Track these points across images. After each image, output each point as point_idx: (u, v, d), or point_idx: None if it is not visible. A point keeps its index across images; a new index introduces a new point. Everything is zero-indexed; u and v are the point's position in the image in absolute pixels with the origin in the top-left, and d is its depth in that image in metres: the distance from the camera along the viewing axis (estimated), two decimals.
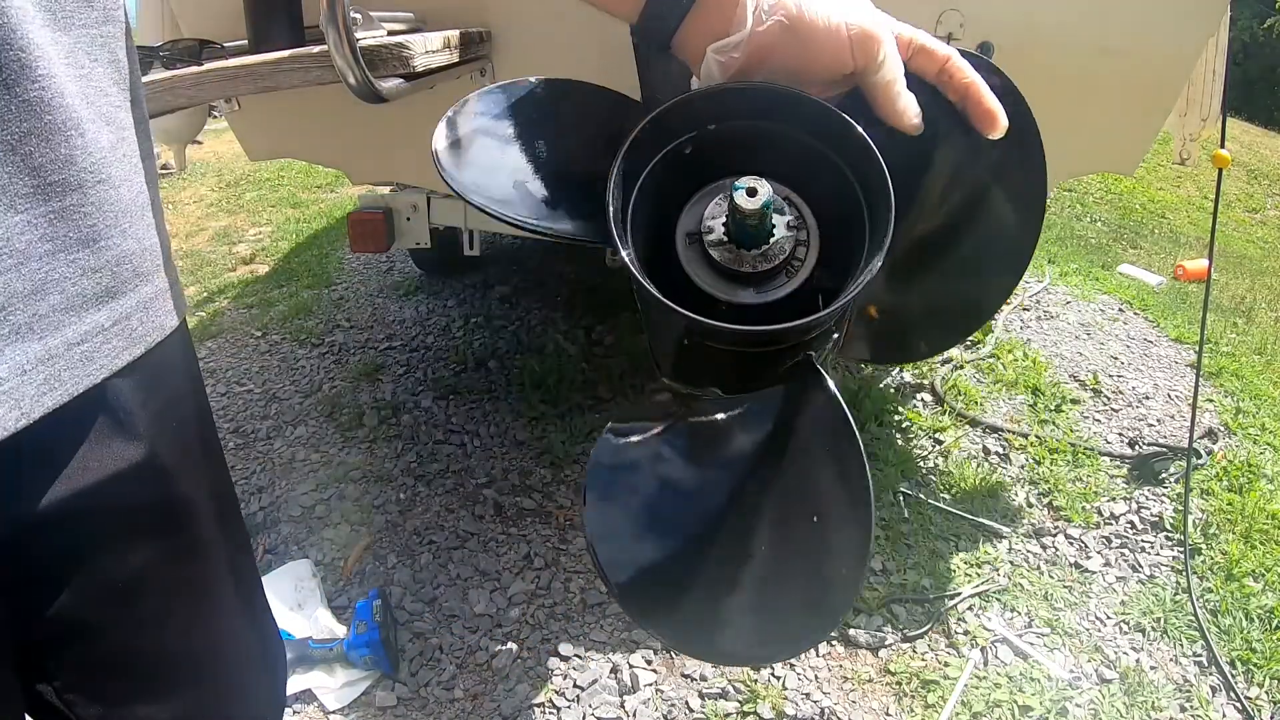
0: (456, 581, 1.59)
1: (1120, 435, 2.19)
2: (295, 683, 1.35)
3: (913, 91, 0.39)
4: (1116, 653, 1.49)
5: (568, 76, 0.46)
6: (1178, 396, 2.41)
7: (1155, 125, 1.31)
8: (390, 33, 0.97)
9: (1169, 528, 1.81)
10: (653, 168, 0.38)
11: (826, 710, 1.34)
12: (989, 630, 1.51)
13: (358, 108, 0.81)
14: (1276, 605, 1.59)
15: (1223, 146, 1.59)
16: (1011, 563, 1.70)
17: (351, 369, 2.37)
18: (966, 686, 1.39)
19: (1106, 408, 2.34)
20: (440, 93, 1.07)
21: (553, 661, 1.42)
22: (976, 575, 1.65)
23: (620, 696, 1.36)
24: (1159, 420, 2.28)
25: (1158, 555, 1.75)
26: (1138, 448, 2.10)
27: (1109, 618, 1.57)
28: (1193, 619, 1.56)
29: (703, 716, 1.33)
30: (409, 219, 1.95)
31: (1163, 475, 1.97)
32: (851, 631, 1.49)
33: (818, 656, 1.45)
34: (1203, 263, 3.30)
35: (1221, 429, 2.25)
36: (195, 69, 0.80)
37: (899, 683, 1.40)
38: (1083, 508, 1.87)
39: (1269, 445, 2.18)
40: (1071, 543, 1.77)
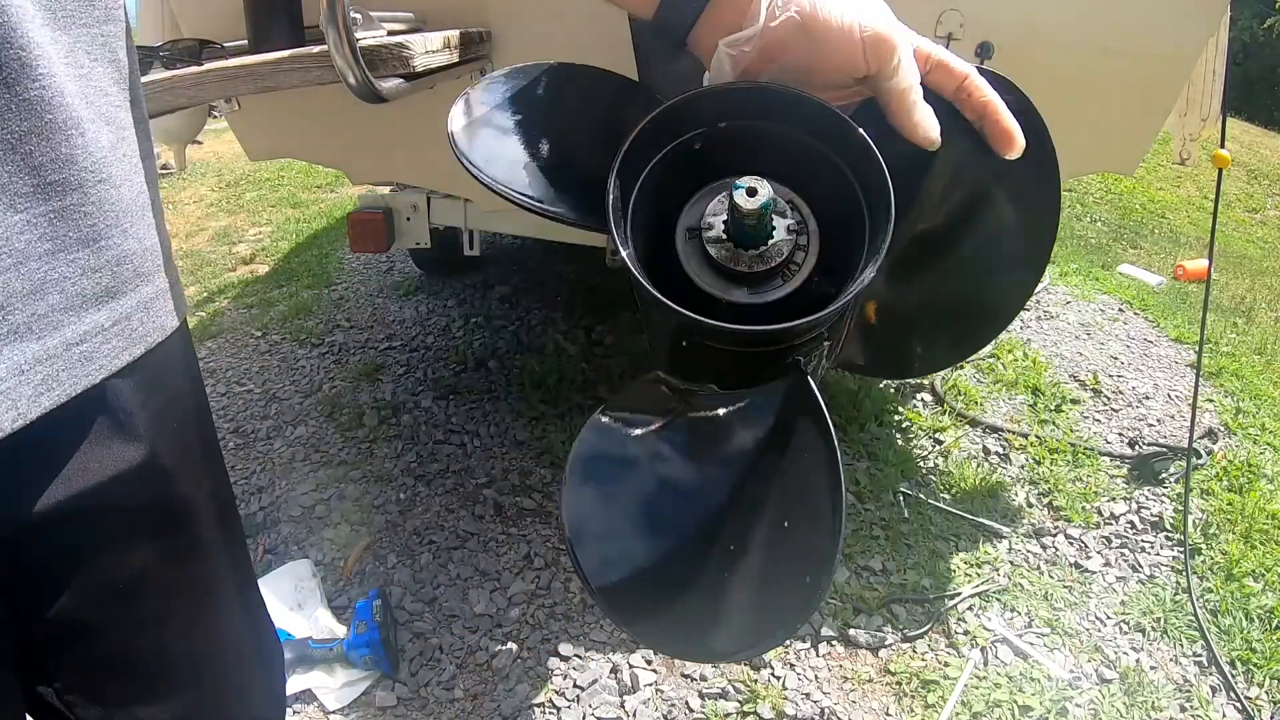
0: (456, 581, 1.59)
1: (1120, 435, 2.19)
2: (295, 683, 1.35)
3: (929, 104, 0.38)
4: (1116, 653, 1.49)
5: None
6: (1178, 396, 2.42)
7: (1155, 125, 1.31)
8: (390, 33, 0.97)
9: (1169, 528, 1.81)
10: (654, 166, 0.38)
11: (826, 710, 1.34)
12: (989, 630, 1.51)
13: (358, 108, 0.81)
14: (1276, 605, 1.59)
15: (1223, 146, 1.59)
16: (1011, 563, 1.70)
17: (351, 369, 2.37)
18: (966, 686, 1.39)
19: (1106, 408, 2.34)
20: (440, 93, 1.07)
21: (553, 661, 1.42)
22: (976, 575, 1.65)
23: (620, 696, 1.36)
24: (1159, 420, 2.28)
25: (1158, 555, 1.75)
26: (1138, 448, 2.10)
27: (1109, 618, 1.57)
28: (1193, 619, 1.56)
29: (703, 716, 1.33)
30: (409, 219, 1.95)
31: (1163, 475, 1.97)
32: (851, 631, 1.49)
33: (818, 657, 1.45)
34: (1203, 263, 3.30)
35: (1221, 429, 2.26)
36: (195, 69, 0.80)
37: (899, 683, 1.40)
38: (1083, 508, 1.87)
39: (1269, 445, 2.18)
40: (1071, 543, 1.77)
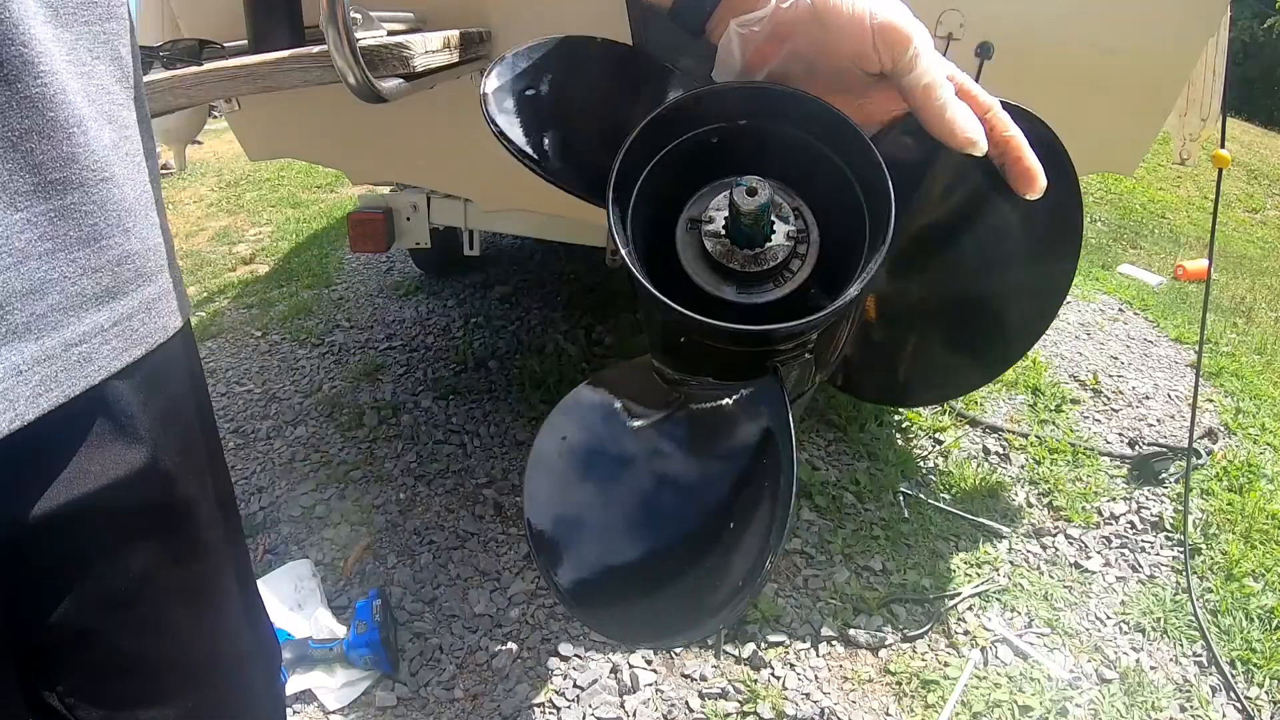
0: (456, 581, 1.59)
1: (1120, 435, 2.19)
2: (295, 683, 1.35)
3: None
4: (1116, 653, 1.49)
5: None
6: (1178, 396, 2.41)
7: (1155, 125, 1.31)
8: (390, 33, 0.97)
9: (1169, 528, 1.81)
10: (658, 163, 0.38)
11: (826, 710, 1.34)
12: (989, 630, 1.51)
13: (358, 108, 0.81)
14: (1276, 605, 1.59)
15: (1223, 146, 1.60)
16: (1011, 563, 1.70)
17: (351, 369, 2.37)
18: (966, 686, 1.39)
19: (1106, 408, 2.34)
20: (440, 92, 1.07)
21: (553, 661, 1.42)
22: (976, 575, 1.65)
23: (620, 696, 1.36)
24: (1159, 420, 2.28)
25: (1158, 555, 1.75)
26: (1138, 448, 2.10)
27: (1109, 618, 1.57)
28: (1193, 619, 1.56)
29: (703, 716, 1.33)
30: (409, 219, 1.95)
31: (1163, 475, 1.97)
32: (851, 631, 1.49)
33: (818, 657, 1.45)
34: (1203, 263, 3.30)
35: (1221, 429, 2.26)
36: (195, 69, 0.80)
37: (899, 683, 1.40)
38: (1083, 508, 1.87)
39: (1269, 445, 2.18)
40: (1071, 543, 1.77)
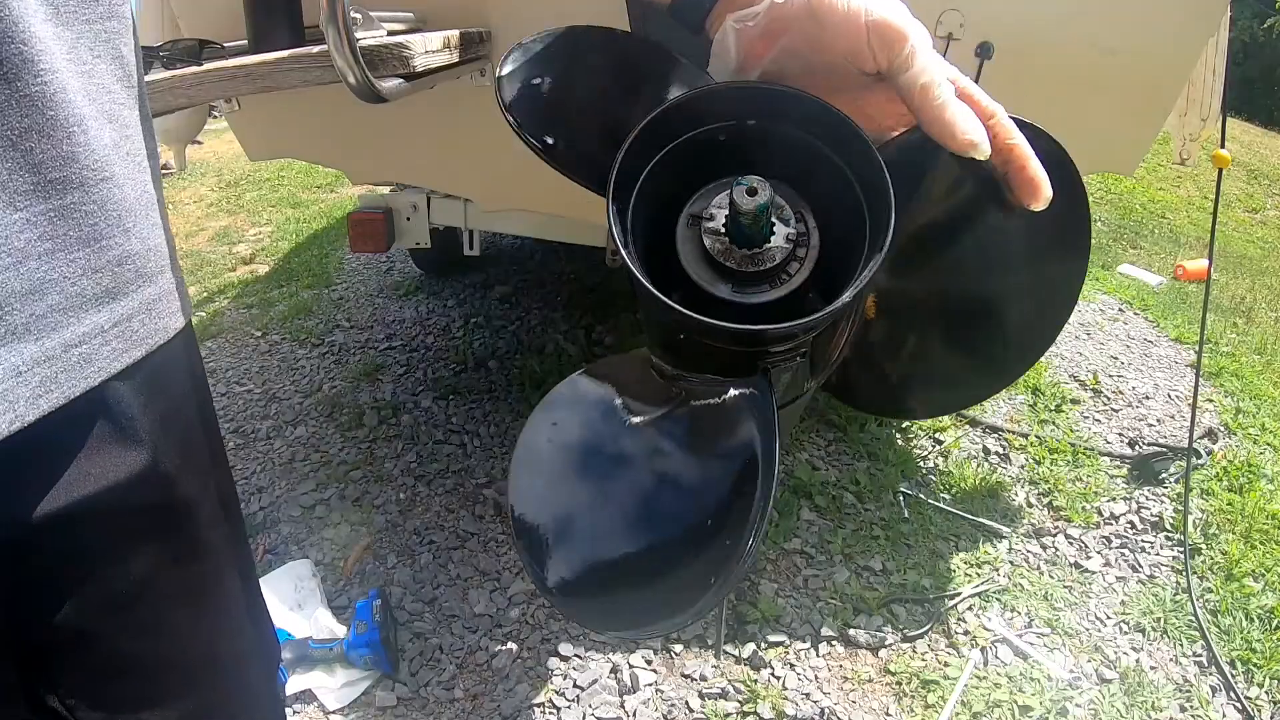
0: (456, 581, 1.59)
1: (1120, 435, 2.19)
2: (295, 683, 1.35)
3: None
4: (1116, 653, 1.49)
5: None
6: (1178, 396, 2.42)
7: (1155, 125, 1.31)
8: (390, 33, 0.97)
9: (1169, 528, 1.81)
10: (659, 160, 0.37)
11: (826, 710, 1.34)
12: (989, 630, 1.51)
13: (358, 108, 0.81)
14: (1276, 605, 1.59)
15: (1223, 146, 1.60)
16: (1011, 563, 1.70)
17: (351, 369, 2.37)
18: (966, 686, 1.39)
19: (1106, 408, 2.34)
20: (440, 92, 1.07)
21: (553, 661, 1.42)
22: (976, 575, 1.65)
23: (620, 696, 1.36)
24: (1159, 420, 2.28)
25: (1158, 555, 1.75)
26: (1138, 448, 2.10)
27: (1109, 618, 1.57)
28: (1193, 619, 1.56)
29: (703, 716, 1.33)
30: (409, 219, 1.95)
31: (1163, 475, 1.97)
32: (851, 631, 1.49)
33: (818, 657, 1.45)
34: (1203, 263, 3.30)
35: (1221, 429, 2.26)
36: (195, 69, 0.80)
37: (899, 683, 1.40)
38: (1083, 508, 1.87)
39: (1269, 445, 2.18)
40: (1071, 543, 1.77)
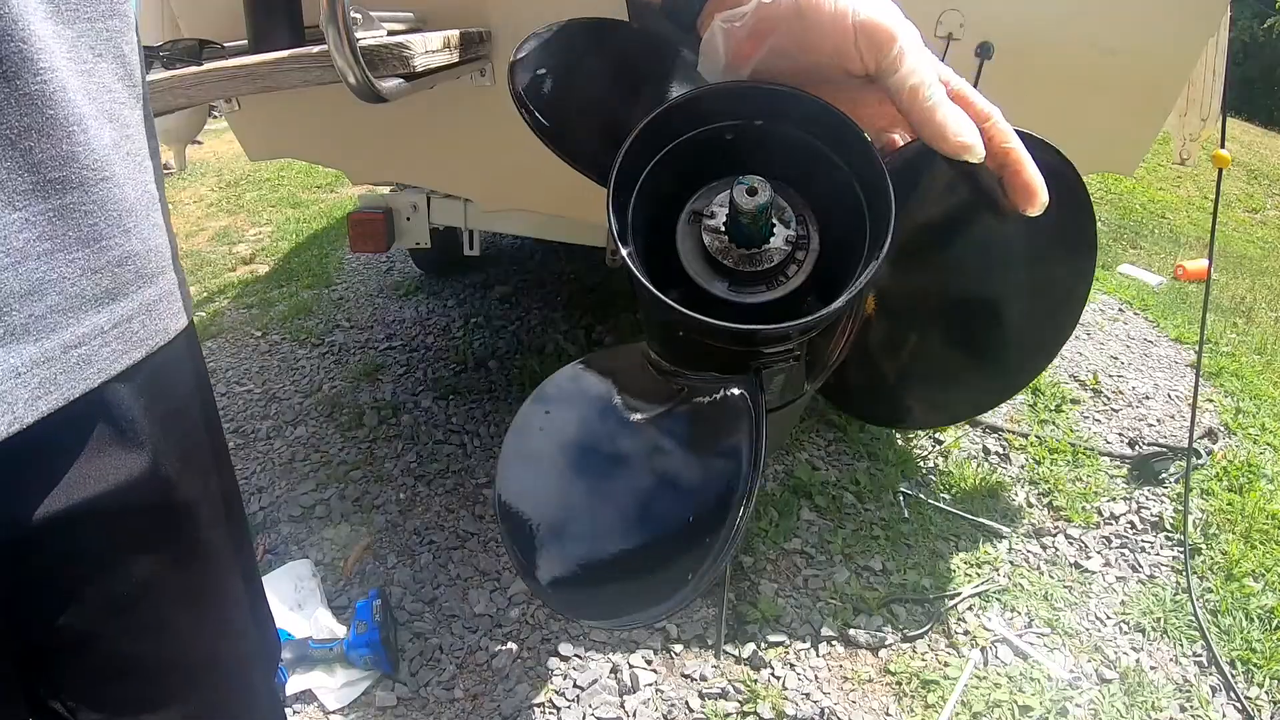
0: (456, 581, 1.59)
1: (1120, 435, 2.19)
2: (295, 683, 1.35)
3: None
4: (1116, 653, 1.49)
5: None
6: (1178, 396, 2.41)
7: (1155, 125, 1.31)
8: (390, 33, 0.97)
9: (1169, 528, 1.81)
10: (660, 159, 0.37)
11: (826, 710, 1.34)
12: (989, 630, 1.51)
13: (358, 108, 0.81)
14: (1276, 605, 1.59)
15: (1223, 146, 1.60)
16: (1011, 563, 1.70)
17: (351, 369, 2.37)
18: (966, 686, 1.39)
19: (1106, 408, 2.34)
20: (440, 92, 1.08)
21: (553, 661, 1.42)
22: (976, 575, 1.65)
23: (620, 696, 1.36)
24: (1159, 420, 2.28)
25: (1158, 555, 1.75)
26: (1138, 448, 2.10)
27: (1109, 618, 1.57)
28: (1193, 619, 1.56)
29: (703, 716, 1.33)
30: (409, 219, 1.95)
31: (1163, 475, 1.97)
32: (851, 631, 1.49)
33: (818, 657, 1.45)
34: (1203, 263, 3.30)
35: (1221, 429, 2.25)
36: (195, 69, 0.80)
37: (899, 683, 1.40)
38: (1083, 508, 1.87)
39: (1269, 445, 2.18)
40: (1071, 543, 1.77)
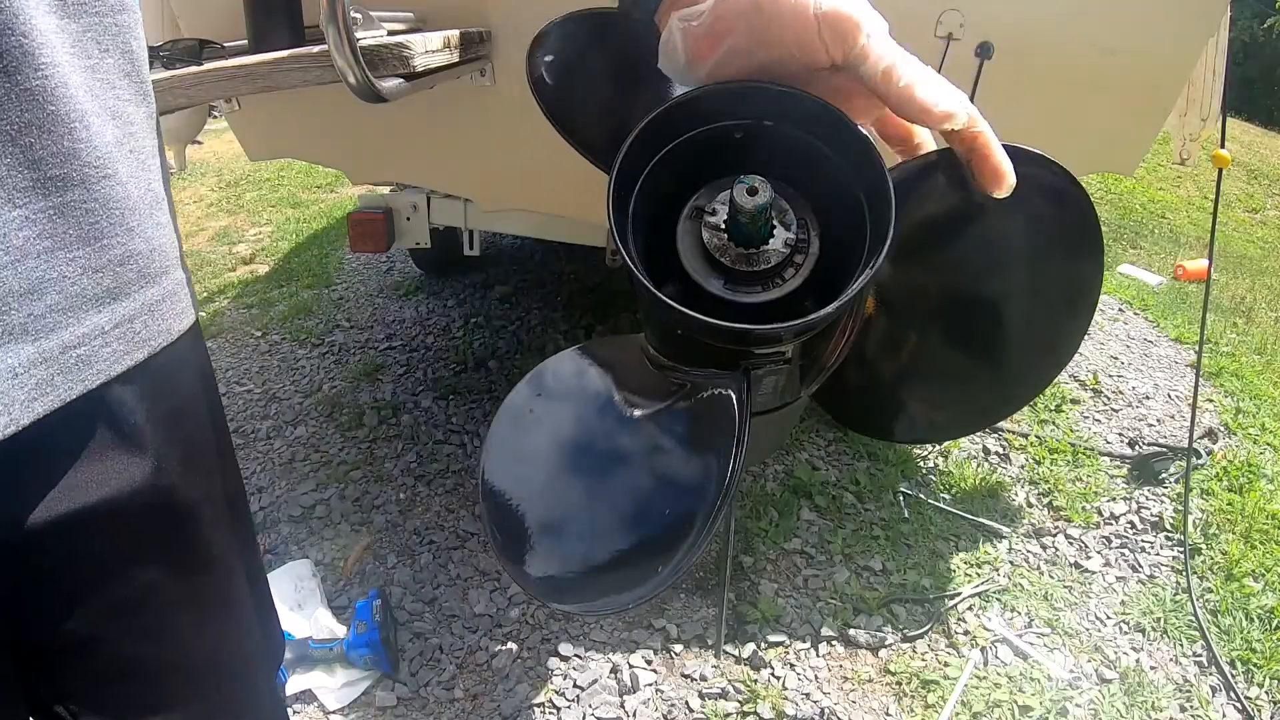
0: (456, 581, 1.59)
1: (1120, 435, 2.19)
2: (295, 683, 1.35)
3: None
4: (1116, 653, 1.48)
5: None
6: (1178, 396, 2.41)
7: (1155, 125, 1.31)
8: (390, 33, 0.97)
9: (1169, 528, 1.81)
10: (664, 157, 0.37)
11: (826, 710, 1.34)
12: (989, 630, 1.51)
13: (358, 108, 0.81)
14: (1276, 605, 1.59)
15: (1223, 146, 1.59)
16: (1011, 563, 1.70)
17: (351, 369, 2.37)
18: (966, 686, 1.39)
19: (1106, 408, 2.33)
20: (440, 92, 1.08)
21: (553, 661, 1.42)
22: (976, 575, 1.65)
23: (620, 696, 1.36)
24: (1159, 420, 2.28)
25: (1158, 555, 1.75)
26: (1138, 448, 2.10)
27: (1109, 618, 1.57)
28: (1193, 619, 1.56)
29: (703, 716, 1.33)
30: (409, 219, 1.95)
31: (1163, 475, 1.97)
32: (851, 631, 1.49)
33: (818, 657, 1.45)
34: (1203, 263, 3.30)
35: (1221, 429, 2.25)
36: (195, 69, 0.80)
37: (899, 683, 1.40)
38: (1083, 508, 1.87)
39: (1269, 445, 2.18)
40: (1071, 543, 1.77)
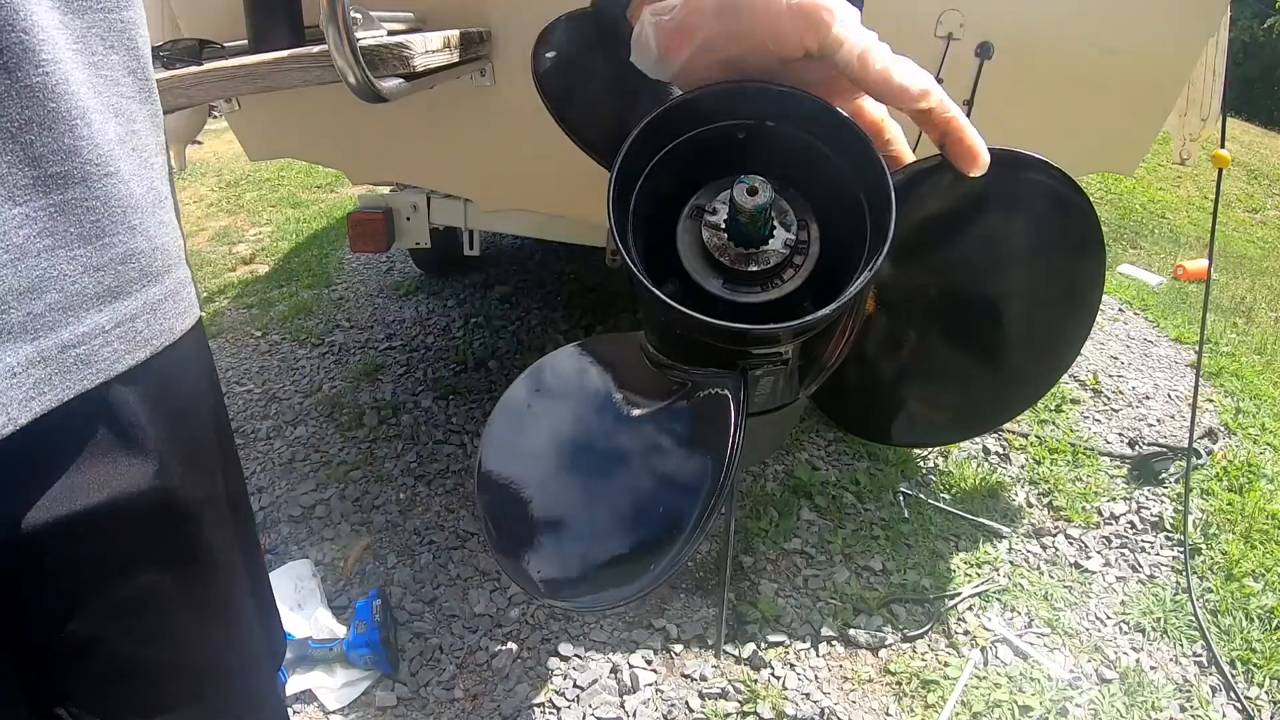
0: (456, 581, 1.59)
1: (1120, 435, 2.19)
2: (295, 683, 1.35)
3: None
4: (1116, 653, 1.49)
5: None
6: (1178, 396, 2.41)
7: (1155, 125, 1.31)
8: (390, 33, 0.97)
9: (1169, 528, 1.81)
10: (664, 157, 0.37)
11: (826, 710, 1.34)
12: (989, 630, 1.51)
13: (358, 108, 0.81)
14: (1276, 605, 1.59)
15: (1223, 146, 1.59)
16: (1011, 563, 1.70)
17: (351, 369, 2.37)
18: (966, 686, 1.39)
19: (1106, 408, 2.33)
20: (440, 92, 1.08)
21: (553, 661, 1.42)
22: (976, 575, 1.65)
23: (620, 696, 1.36)
24: (1159, 420, 2.28)
25: (1158, 555, 1.75)
26: (1138, 448, 2.10)
27: (1109, 618, 1.57)
28: (1193, 619, 1.56)
29: (703, 716, 1.33)
30: (409, 219, 1.95)
31: (1163, 475, 1.97)
32: (851, 631, 1.49)
33: (818, 657, 1.45)
34: (1203, 263, 3.30)
35: (1221, 429, 2.25)
36: (195, 69, 0.80)
37: (899, 683, 1.40)
38: (1083, 508, 1.87)
39: (1269, 445, 2.18)
40: (1071, 543, 1.77)
